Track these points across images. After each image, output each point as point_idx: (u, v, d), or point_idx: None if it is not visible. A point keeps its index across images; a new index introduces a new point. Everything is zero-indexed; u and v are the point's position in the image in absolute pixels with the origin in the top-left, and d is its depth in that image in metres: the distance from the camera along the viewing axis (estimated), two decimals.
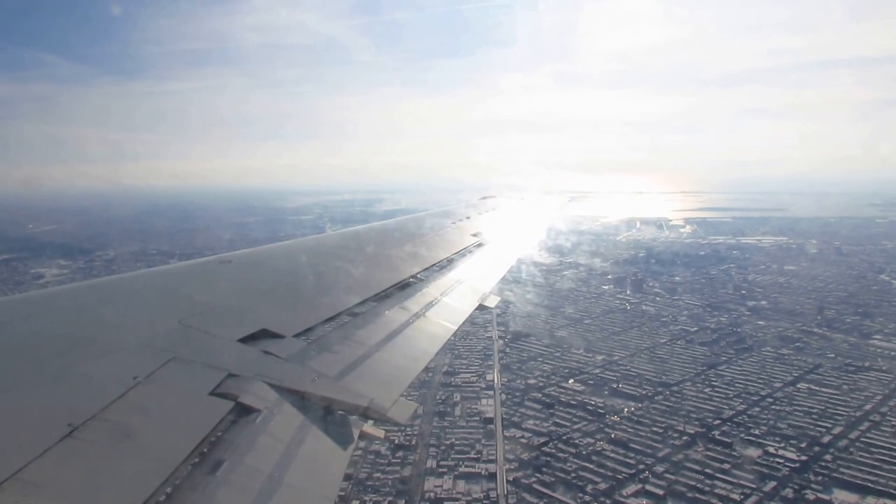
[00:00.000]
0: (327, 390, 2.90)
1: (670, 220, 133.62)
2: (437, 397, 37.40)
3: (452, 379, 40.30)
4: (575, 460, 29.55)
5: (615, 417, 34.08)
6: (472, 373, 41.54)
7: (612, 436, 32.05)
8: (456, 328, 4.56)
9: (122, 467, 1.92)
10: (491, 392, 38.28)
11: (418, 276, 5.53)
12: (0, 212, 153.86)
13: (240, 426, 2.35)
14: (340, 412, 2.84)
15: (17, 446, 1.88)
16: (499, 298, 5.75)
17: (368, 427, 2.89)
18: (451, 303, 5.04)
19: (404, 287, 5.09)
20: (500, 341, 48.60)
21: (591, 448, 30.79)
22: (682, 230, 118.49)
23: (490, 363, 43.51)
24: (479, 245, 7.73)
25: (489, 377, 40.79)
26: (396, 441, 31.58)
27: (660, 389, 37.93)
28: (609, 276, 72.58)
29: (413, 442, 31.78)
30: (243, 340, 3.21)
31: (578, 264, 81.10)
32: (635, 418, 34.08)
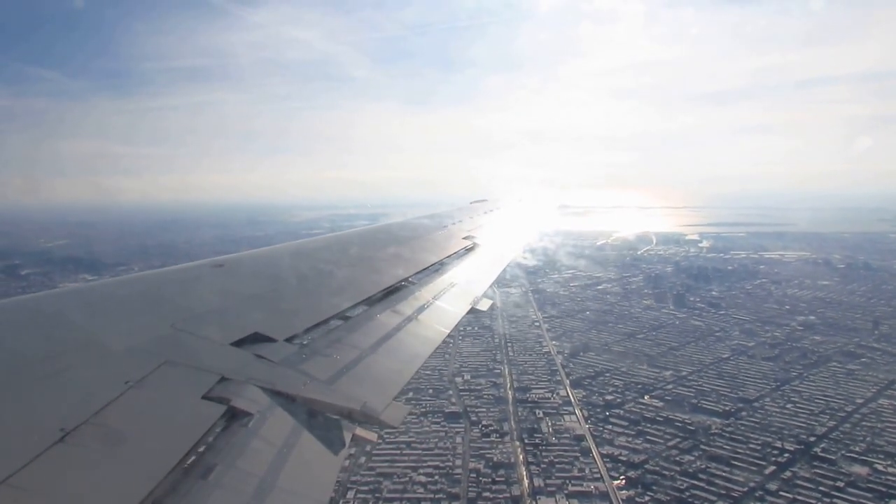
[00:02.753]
0: (320, 394, 2.86)
1: (685, 235, 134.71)
2: (519, 414, 36.82)
3: (527, 395, 39.75)
4: (683, 478, 29.08)
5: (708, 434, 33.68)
6: (544, 389, 41.02)
7: (710, 453, 31.65)
8: (448, 331, 4.55)
9: (115, 472, 1.91)
10: (570, 408, 37.77)
11: (410, 279, 5.50)
12: (9, 226, 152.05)
13: (232, 430, 2.34)
14: (333, 416, 2.81)
15: (9, 451, 1.87)
16: (491, 302, 5.71)
17: (361, 430, 2.84)
18: (443, 306, 5.03)
19: (396, 290, 5.04)
20: (560, 357, 48.17)
21: (694, 465, 30.34)
22: (700, 245, 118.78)
23: (558, 378, 43.02)
24: (471, 248, 7.67)
25: (562, 393, 40.29)
26: (495, 459, 31.02)
27: (740, 406, 37.62)
28: (646, 291, 72.48)
29: (511, 460, 31.16)
30: (236, 344, 3.18)
31: (611, 279, 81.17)
32: (727, 434, 33.73)
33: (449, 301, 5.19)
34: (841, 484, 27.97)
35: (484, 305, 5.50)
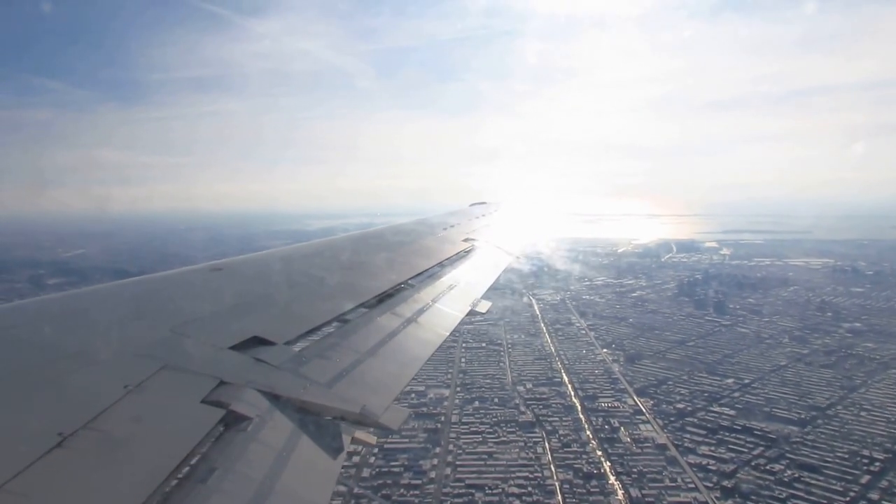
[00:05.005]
0: (319, 397, 2.87)
1: (703, 243, 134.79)
2: (593, 423, 36.53)
3: (595, 404, 39.48)
4: (779, 487, 28.81)
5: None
6: (610, 397, 40.77)
7: (799, 461, 31.38)
8: (448, 334, 4.53)
9: (113, 476, 1.91)
10: (643, 417, 37.50)
11: (410, 281, 5.48)
12: (21, 237, 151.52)
13: (231, 434, 2.34)
14: (332, 419, 2.81)
15: (6, 456, 1.86)
16: (490, 304, 5.66)
17: (360, 433, 2.85)
18: (442, 308, 5.01)
19: (396, 293, 5.00)
20: (616, 365, 47.92)
21: (786, 474, 30.06)
22: (721, 252, 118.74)
23: (621, 387, 42.75)
24: (470, 251, 7.64)
25: (629, 402, 40.01)
26: (584, 470, 30.71)
27: (814, 413, 37.40)
28: (683, 299, 72.30)
29: (600, 470, 30.85)
30: (235, 348, 3.16)
31: (643, 286, 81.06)
32: (809, 443, 33.49)
33: (448, 303, 5.18)
34: None
35: (483, 307, 5.50)
